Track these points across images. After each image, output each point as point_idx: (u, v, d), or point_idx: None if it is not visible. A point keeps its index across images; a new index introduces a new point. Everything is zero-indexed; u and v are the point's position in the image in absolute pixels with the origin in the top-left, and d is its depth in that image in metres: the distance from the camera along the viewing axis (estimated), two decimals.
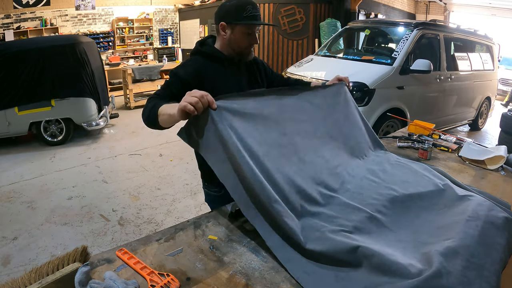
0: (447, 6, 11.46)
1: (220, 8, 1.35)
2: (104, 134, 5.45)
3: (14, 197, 3.34)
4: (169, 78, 1.33)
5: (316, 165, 1.25)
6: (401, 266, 0.85)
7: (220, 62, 1.38)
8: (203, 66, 1.36)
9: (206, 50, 1.40)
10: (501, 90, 8.78)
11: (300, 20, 7.68)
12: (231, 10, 1.31)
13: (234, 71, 1.41)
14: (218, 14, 1.35)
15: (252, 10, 1.30)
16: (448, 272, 0.83)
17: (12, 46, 4.62)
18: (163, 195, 3.39)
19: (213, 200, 1.53)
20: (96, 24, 9.10)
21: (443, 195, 1.23)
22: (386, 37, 4.90)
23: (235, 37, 1.33)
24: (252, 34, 1.34)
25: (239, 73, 1.43)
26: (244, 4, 1.30)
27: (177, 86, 1.28)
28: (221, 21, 1.33)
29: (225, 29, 1.33)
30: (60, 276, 0.80)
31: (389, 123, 3.92)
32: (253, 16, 1.30)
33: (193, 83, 1.27)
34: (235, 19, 1.30)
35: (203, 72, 1.34)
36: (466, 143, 1.86)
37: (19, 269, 2.28)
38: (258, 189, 1.00)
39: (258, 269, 0.93)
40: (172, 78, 1.32)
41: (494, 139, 5.32)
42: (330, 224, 1.03)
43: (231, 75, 1.39)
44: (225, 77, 1.38)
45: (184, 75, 1.30)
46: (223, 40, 1.36)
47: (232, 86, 1.37)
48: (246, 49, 1.37)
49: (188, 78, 1.29)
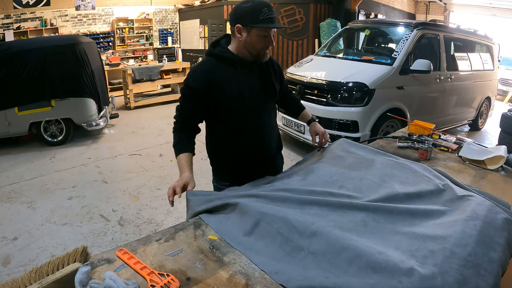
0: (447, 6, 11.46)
1: (236, 9, 1.35)
2: (104, 134, 5.45)
3: (14, 197, 3.34)
4: (183, 89, 1.43)
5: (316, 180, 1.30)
6: (391, 263, 0.86)
7: (233, 63, 1.39)
8: (214, 69, 1.38)
9: (218, 52, 1.41)
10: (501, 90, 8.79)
11: (300, 20, 7.68)
12: (247, 13, 1.31)
13: (247, 72, 1.42)
14: (234, 16, 1.35)
15: (268, 12, 1.30)
16: (444, 272, 0.84)
17: (12, 46, 4.61)
18: (163, 195, 3.39)
19: None
20: (96, 24, 9.11)
21: (443, 195, 1.23)
22: (386, 37, 4.90)
23: (251, 40, 1.34)
24: (268, 36, 1.35)
25: (251, 74, 1.44)
26: (260, 6, 1.30)
27: (191, 100, 1.40)
28: (237, 24, 1.34)
29: (241, 31, 1.34)
30: (60, 276, 0.80)
31: (389, 123, 3.92)
32: (270, 18, 1.31)
33: (204, 89, 1.36)
34: (252, 21, 1.31)
35: (213, 76, 1.37)
36: (466, 143, 1.86)
37: (19, 269, 2.28)
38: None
39: (258, 269, 0.93)
40: (185, 90, 1.42)
41: (494, 139, 5.32)
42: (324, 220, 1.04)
43: (243, 77, 1.40)
44: (236, 79, 1.39)
45: (194, 85, 1.38)
46: (238, 42, 1.37)
47: (243, 89, 1.39)
48: (262, 51, 1.38)
49: (198, 86, 1.37)
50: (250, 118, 1.43)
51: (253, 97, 1.41)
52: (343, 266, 0.89)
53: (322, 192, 1.21)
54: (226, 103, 1.39)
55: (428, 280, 0.81)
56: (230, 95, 1.38)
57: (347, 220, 1.06)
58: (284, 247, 0.98)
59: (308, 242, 0.96)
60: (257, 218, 1.06)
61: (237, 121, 1.42)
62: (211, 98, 1.37)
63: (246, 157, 1.48)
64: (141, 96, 7.81)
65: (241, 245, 1.01)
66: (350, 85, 3.77)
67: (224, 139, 1.48)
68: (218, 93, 1.37)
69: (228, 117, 1.42)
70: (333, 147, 1.64)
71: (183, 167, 1.38)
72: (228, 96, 1.38)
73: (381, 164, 1.44)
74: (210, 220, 1.14)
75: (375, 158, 1.51)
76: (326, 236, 0.96)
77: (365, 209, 1.10)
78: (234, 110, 1.40)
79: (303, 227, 1.00)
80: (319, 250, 0.94)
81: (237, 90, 1.38)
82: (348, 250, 0.91)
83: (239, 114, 1.41)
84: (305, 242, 0.97)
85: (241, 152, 1.48)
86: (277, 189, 1.25)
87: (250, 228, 1.05)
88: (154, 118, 6.44)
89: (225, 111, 1.41)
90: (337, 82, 3.84)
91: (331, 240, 0.95)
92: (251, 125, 1.44)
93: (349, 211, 1.10)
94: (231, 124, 1.43)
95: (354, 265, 0.88)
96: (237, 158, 1.49)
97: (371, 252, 0.90)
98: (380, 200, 1.16)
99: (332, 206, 1.12)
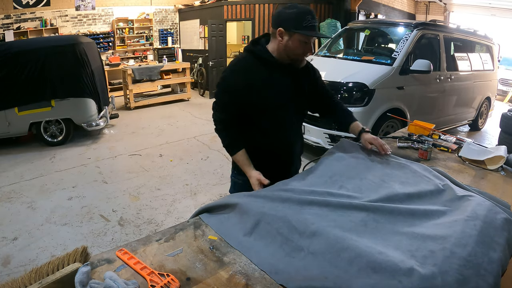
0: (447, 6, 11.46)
1: (280, 13, 1.38)
2: (104, 135, 5.45)
3: (14, 197, 3.34)
4: (222, 86, 1.45)
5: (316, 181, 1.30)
6: (391, 263, 0.86)
7: (270, 65, 1.43)
8: (252, 68, 1.43)
9: (258, 51, 1.45)
10: (501, 90, 8.79)
11: None
12: (291, 18, 1.34)
13: (281, 75, 1.45)
14: (277, 19, 1.38)
15: (311, 20, 1.34)
16: (444, 272, 0.84)
17: (12, 46, 4.62)
18: (163, 195, 3.39)
19: (238, 189, 1.60)
20: (96, 24, 9.10)
21: (443, 195, 1.23)
22: (386, 37, 4.90)
23: (291, 45, 1.37)
24: (308, 44, 1.38)
25: (286, 78, 1.47)
26: (304, 13, 1.33)
27: (231, 97, 1.43)
28: (280, 27, 1.37)
29: (283, 35, 1.37)
30: (60, 276, 0.80)
31: (389, 123, 3.92)
32: (312, 26, 1.35)
33: (242, 88, 1.40)
34: (294, 27, 1.34)
35: (251, 75, 1.42)
36: (466, 143, 1.86)
37: (19, 269, 2.28)
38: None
39: (258, 269, 0.93)
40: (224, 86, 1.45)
41: (494, 139, 5.32)
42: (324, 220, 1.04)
43: (277, 79, 1.44)
44: (271, 81, 1.43)
45: (233, 83, 1.42)
46: (278, 44, 1.40)
47: (276, 91, 1.44)
48: (300, 56, 1.42)
49: (236, 84, 1.42)
50: (277, 120, 1.48)
51: (283, 100, 1.46)
52: (343, 266, 0.89)
53: (322, 192, 1.21)
54: (258, 103, 1.44)
55: (428, 280, 0.81)
56: (263, 96, 1.42)
57: (347, 220, 1.06)
58: (284, 247, 0.98)
59: (308, 242, 0.96)
60: (257, 218, 1.06)
61: (264, 121, 1.47)
62: (246, 96, 1.42)
63: (265, 157, 1.52)
64: (141, 96, 7.82)
65: (241, 245, 1.01)
66: (350, 85, 3.77)
67: (248, 135, 1.51)
68: (253, 92, 1.41)
69: (257, 116, 1.47)
70: (333, 147, 1.65)
71: (245, 164, 1.46)
72: (261, 96, 1.42)
73: (381, 164, 1.45)
74: (210, 220, 1.14)
75: (375, 158, 1.51)
76: (326, 236, 0.96)
77: (365, 209, 1.10)
78: (263, 110, 1.45)
79: (303, 227, 1.00)
80: (319, 250, 0.94)
81: (270, 92, 1.43)
82: (348, 250, 0.91)
83: (267, 115, 1.46)
84: (305, 242, 0.97)
85: (263, 151, 1.52)
86: (277, 189, 1.25)
87: (250, 228, 1.05)
88: (154, 118, 6.44)
89: (255, 110, 1.45)
90: (337, 82, 3.84)
91: (331, 240, 0.95)
92: (277, 126, 1.49)
93: (349, 211, 1.10)
94: (258, 123, 1.48)
95: (354, 265, 0.88)
96: (257, 156, 1.52)
97: (371, 252, 0.90)
98: (380, 200, 1.16)
99: (332, 206, 1.12)
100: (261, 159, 1.50)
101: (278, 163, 1.55)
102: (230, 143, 1.49)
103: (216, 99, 1.50)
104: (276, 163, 1.54)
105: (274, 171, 1.48)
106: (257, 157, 1.50)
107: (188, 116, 6.62)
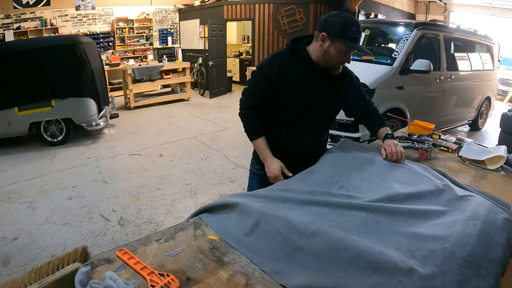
0: (447, 6, 11.47)
1: (327, 19, 1.41)
2: (104, 134, 5.45)
3: (14, 197, 3.34)
4: (257, 74, 1.51)
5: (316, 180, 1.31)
6: (391, 263, 0.86)
7: (304, 64, 1.47)
8: (288, 63, 1.47)
9: (296, 49, 1.49)
10: (501, 90, 8.79)
11: (300, 20, 7.68)
12: (337, 26, 1.36)
13: (315, 76, 1.48)
14: (323, 24, 1.41)
15: (356, 32, 1.36)
16: (444, 272, 0.84)
17: (12, 46, 4.62)
18: (163, 195, 3.39)
19: (258, 181, 1.68)
20: (96, 24, 9.11)
21: (443, 195, 1.23)
22: (386, 37, 4.90)
23: (331, 51, 1.40)
24: (348, 53, 1.41)
25: (318, 80, 1.49)
26: (350, 24, 1.35)
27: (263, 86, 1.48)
28: (324, 32, 1.39)
29: (325, 40, 1.40)
30: (60, 276, 0.80)
31: (389, 123, 3.92)
32: (355, 38, 1.37)
33: (275, 79, 1.45)
34: (338, 35, 1.36)
35: (285, 70, 1.46)
36: (466, 143, 1.86)
37: (19, 269, 2.28)
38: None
39: (258, 269, 0.93)
40: (259, 75, 1.50)
41: (494, 139, 5.32)
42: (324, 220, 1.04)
43: (310, 80, 1.48)
44: (304, 79, 1.47)
45: (268, 73, 1.47)
46: (319, 48, 1.43)
47: (306, 90, 1.47)
48: (336, 64, 1.46)
49: (271, 74, 1.46)
50: (302, 118, 1.51)
51: (312, 101, 1.49)
52: (343, 266, 0.89)
53: (322, 192, 1.21)
54: (287, 98, 1.47)
55: (428, 280, 0.81)
56: (294, 92, 1.46)
57: (347, 220, 1.06)
58: (284, 247, 0.98)
59: (308, 242, 0.96)
60: (257, 218, 1.06)
61: (289, 116, 1.51)
62: (278, 89, 1.47)
63: (282, 151, 1.55)
64: (141, 96, 7.82)
65: (241, 245, 1.01)
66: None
67: (271, 127, 1.55)
68: (284, 86, 1.46)
69: (282, 110, 1.51)
70: (333, 147, 1.65)
71: (264, 151, 1.53)
72: (291, 92, 1.46)
73: (381, 164, 1.44)
74: (210, 220, 1.14)
75: (375, 158, 1.51)
76: (326, 236, 0.96)
77: (365, 209, 1.10)
78: (291, 106, 1.49)
79: (303, 227, 1.00)
80: (319, 250, 0.94)
81: (301, 89, 1.46)
82: (348, 250, 0.91)
83: (294, 112, 1.50)
84: (305, 242, 0.97)
85: (280, 145, 1.56)
86: (277, 189, 1.25)
87: (250, 228, 1.05)
88: (154, 118, 6.44)
89: (283, 104, 1.50)
90: None
91: (331, 240, 0.95)
92: (300, 124, 1.53)
93: (349, 211, 1.10)
94: (282, 116, 1.52)
95: (354, 265, 0.88)
96: (276, 148, 1.55)
97: (371, 252, 0.90)
98: (380, 200, 1.16)
99: (332, 206, 1.12)
100: (275, 151, 1.54)
101: (287, 160, 1.55)
102: (252, 128, 1.55)
103: (248, 85, 1.54)
104: (286, 160, 1.55)
105: (292, 165, 1.51)
106: (272, 149, 1.54)
107: (188, 116, 6.62)
